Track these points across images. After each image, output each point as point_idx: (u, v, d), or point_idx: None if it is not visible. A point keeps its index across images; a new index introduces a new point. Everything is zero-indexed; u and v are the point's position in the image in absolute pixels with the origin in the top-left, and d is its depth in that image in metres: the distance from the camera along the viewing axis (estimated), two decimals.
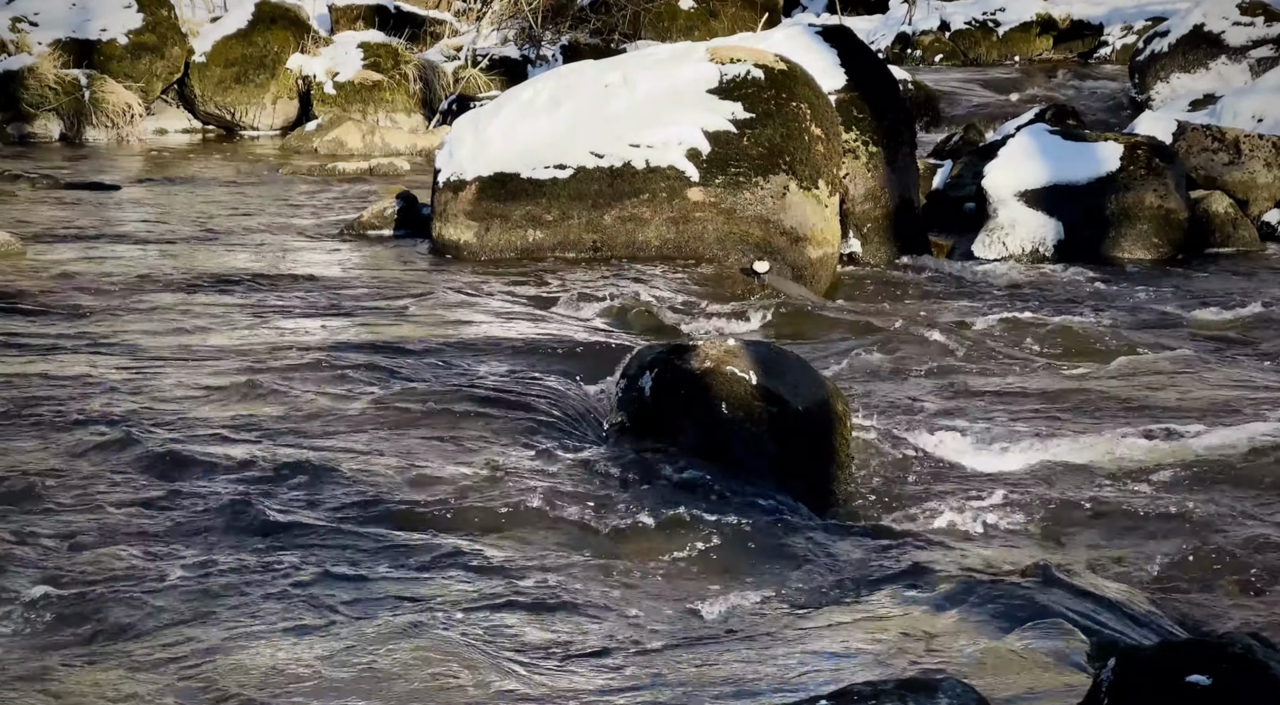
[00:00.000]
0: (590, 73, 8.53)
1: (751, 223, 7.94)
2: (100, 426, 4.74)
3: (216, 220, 9.49)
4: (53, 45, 14.00)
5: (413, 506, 4.19)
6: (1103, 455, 5.08)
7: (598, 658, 3.35)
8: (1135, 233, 8.96)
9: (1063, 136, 9.42)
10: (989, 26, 19.24)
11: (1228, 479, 4.84)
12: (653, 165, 7.99)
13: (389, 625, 3.38)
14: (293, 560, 3.78)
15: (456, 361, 5.75)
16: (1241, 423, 5.36)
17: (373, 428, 4.80)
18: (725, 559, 3.94)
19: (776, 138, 8.00)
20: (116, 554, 3.77)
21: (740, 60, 8.22)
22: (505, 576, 3.73)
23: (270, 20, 14.67)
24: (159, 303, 6.78)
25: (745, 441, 4.53)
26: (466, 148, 8.32)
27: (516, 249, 8.09)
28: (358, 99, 14.34)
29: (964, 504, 4.51)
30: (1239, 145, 9.96)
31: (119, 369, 5.48)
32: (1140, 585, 3.95)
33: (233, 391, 5.17)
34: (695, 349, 4.70)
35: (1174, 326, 7.30)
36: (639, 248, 7.97)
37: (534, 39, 16.87)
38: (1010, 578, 3.71)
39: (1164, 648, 2.70)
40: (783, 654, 3.34)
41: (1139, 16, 18.85)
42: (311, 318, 6.58)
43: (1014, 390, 5.91)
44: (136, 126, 13.78)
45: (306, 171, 12.16)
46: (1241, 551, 4.20)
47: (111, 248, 8.27)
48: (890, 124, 8.86)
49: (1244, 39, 13.99)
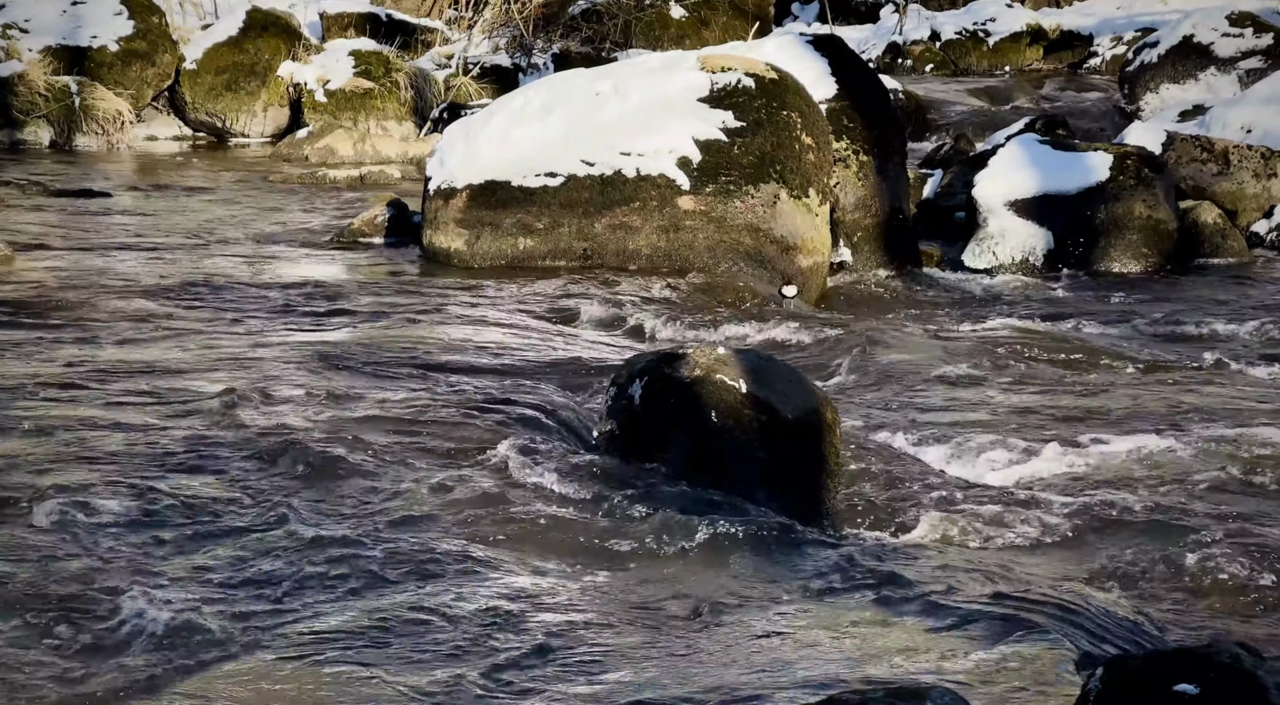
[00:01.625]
0: (581, 81, 8.54)
1: (742, 231, 7.95)
2: (88, 430, 4.73)
3: (206, 227, 9.49)
4: (43, 52, 13.98)
5: (394, 513, 4.18)
6: (1092, 465, 5.09)
7: (580, 663, 3.34)
8: (1125, 242, 8.98)
9: (1053, 146, 9.44)
10: (979, 36, 19.28)
11: (1217, 488, 4.85)
12: (643, 173, 8.00)
13: (378, 625, 3.38)
14: (279, 566, 3.77)
15: (445, 369, 5.75)
16: (1230, 432, 5.37)
17: (356, 434, 4.79)
18: (712, 567, 3.94)
19: (767, 146, 8.01)
20: (101, 570, 3.76)
21: (731, 69, 8.24)
22: (491, 581, 3.73)
23: (261, 28, 14.66)
24: (149, 310, 6.77)
25: (735, 450, 4.53)
26: (457, 155, 8.33)
27: (507, 257, 8.09)
28: (349, 107, 14.33)
29: (952, 513, 4.52)
30: (1228, 156, 9.98)
31: (106, 375, 5.47)
32: (1128, 594, 3.96)
33: (216, 397, 5.16)
34: (685, 357, 4.70)
35: (1162, 336, 7.31)
36: (629, 256, 7.98)
37: (525, 47, 16.88)
38: (998, 587, 3.72)
39: (1151, 657, 2.70)
40: (769, 662, 3.35)
41: (1129, 27, 18.91)
42: (299, 325, 6.57)
43: (1004, 400, 5.92)
44: (127, 133, 13.76)
45: (297, 179, 12.15)
46: (1229, 560, 4.20)
47: (101, 255, 8.26)
48: (881, 133, 8.88)
49: (1233, 50, 14.04)
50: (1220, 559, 4.21)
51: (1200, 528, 4.43)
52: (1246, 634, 3.75)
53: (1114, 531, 4.43)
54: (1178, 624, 3.82)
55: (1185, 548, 4.29)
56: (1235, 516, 4.56)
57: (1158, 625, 3.71)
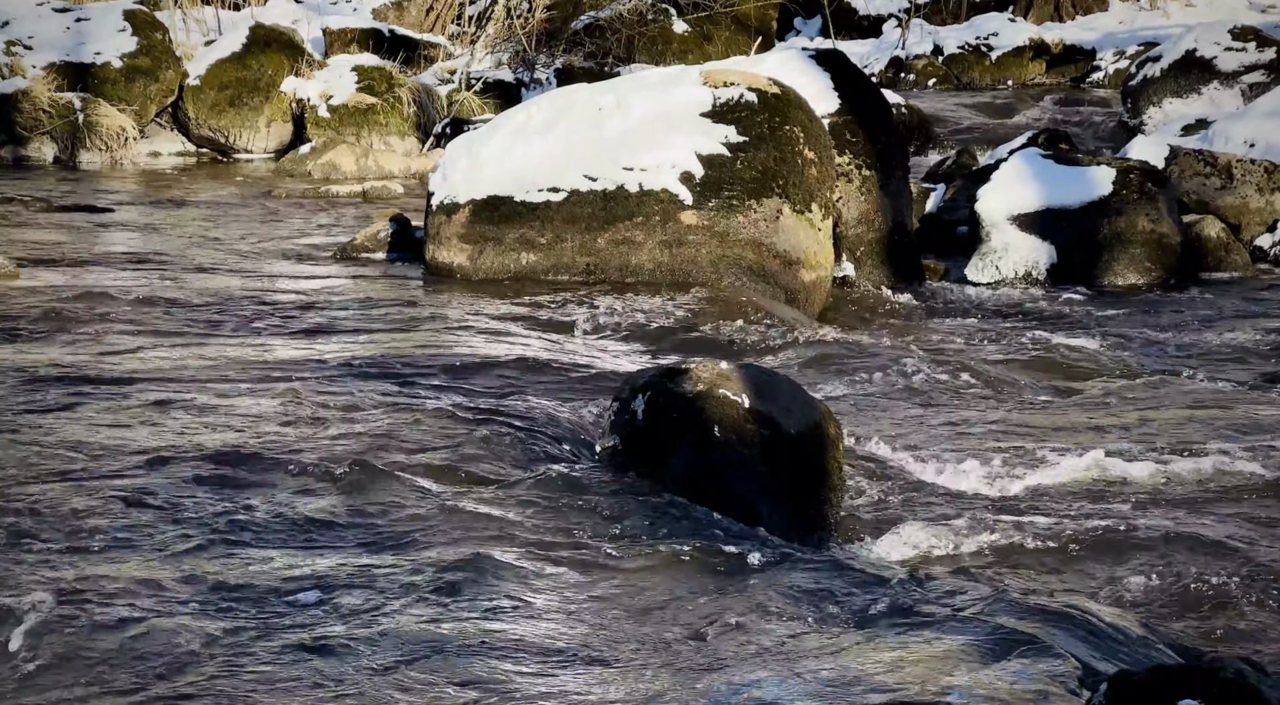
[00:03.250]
0: (584, 96, 8.54)
1: (745, 246, 7.94)
2: (87, 446, 4.73)
3: (209, 243, 9.49)
4: (47, 69, 14.01)
5: (396, 526, 4.17)
6: (1096, 479, 5.08)
7: (579, 681, 3.33)
8: (1128, 257, 8.97)
9: (1055, 161, 9.44)
10: (982, 51, 19.30)
11: (1221, 503, 4.84)
12: (646, 188, 7.99)
13: (378, 628, 3.37)
14: (268, 580, 3.76)
15: (448, 384, 5.74)
16: (1235, 447, 5.36)
17: (355, 448, 4.78)
18: (713, 583, 3.93)
19: (770, 161, 8.01)
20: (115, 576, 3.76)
21: (734, 84, 8.24)
22: (493, 592, 3.72)
23: (264, 44, 14.69)
24: (151, 325, 6.77)
25: (737, 465, 4.52)
26: (460, 171, 8.33)
27: (510, 272, 8.09)
28: (352, 122, 14.35)
29: (955, 529, 4.50)
30: (1231, 170, 9.98)
31: (109, 389, 5.46)
32: (1133, 609, 3.94)
33: (218, 412, 5.16)
34: (688, 372, 4.69)
35: (1166, 351, 7.30)
36: (632, 271, 7.98)
37: (528, 62, 16.91)
38: (1002, 602, 3.70)
39: (1156, 672, 2.69)
40: (767, 679, 3.33)
41: (1131, 41, 18.93)
42: (302, 340, 6.57)
43: (1007, 415, 5.91)
44: (130, 150, 13.78)
45: (300, 194, 12.16)
46: (1233, 576, 4.19)
47: (105, 270, 8.26)
48: (884, 148, 8.88)
49: (1236, 64, 14.05)
50: (1225, 575, 4.20)
51: (1205, 543, 4.42)
52: (1251, 650, 3.73)
53: (1118, 546, 4.42)
54: (1183, 639, 3.80)
55: (1191, 563, 4.27)
56: (1240, 532, 4.55)
57: (1163, 641, 3.69)
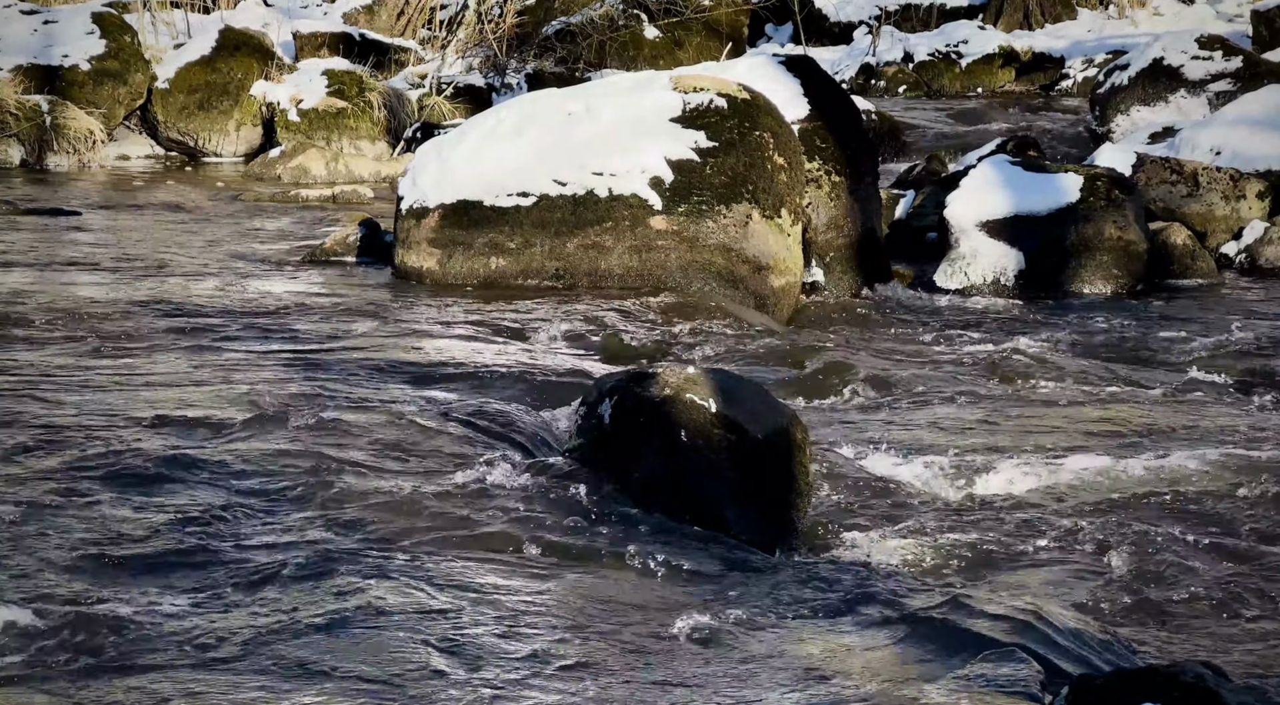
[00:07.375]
0: (554, 101, 8.54)
1: (714, 251, 7.95)
2: (45, 450, 4.70)
3: (177, 247, 9.45)
4: (14, 71, 13.94)
5: (359, 527, 4.16)
6: (1060, 484, 5.10)
7: (537, 685, 3.33)
8: (1095, 263, 9.01)
9: (1024, 167, 9.48)
10: (952, 58, 19.38)
11: (1184, 507, 4.86)
12: (616, 193, 8.00)
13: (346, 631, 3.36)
14: (234, 577, 3.75)
15: (415, 388, 5.73)
16: (1199, 452, 5.38)
17: (319, 450, 4.77)
18: (675, 587, 3.93)
19: (739, 166, 8.03)
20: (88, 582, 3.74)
21: (704, 89, 8.25)
22: (453, 594, 3.71)
23: (234, 47, 14.64)
24: (116, 329, 6.74)
25: (704, 469, 4.52)
26: (430, 175, 8.32)
27: (479, 277, 8.08)
28: (322, 126, 14.33)
29: (920, 533, 4.52)
30: (1197, 177, 10.04)
31: (70, 393, 5.43)
32: (1096, 613, 3.96)
33: (179, 417, 5.13)
34: (655, 376, 4.69)
35: (1132, 357, 7.34)
36: (601, 276, 7.98)
37: (499, 67, 16.90)
38: (966, 606, 3.71)
39: (1117, 676, 2.71)
40: (727, 683, 3.33)
41: (1099, 50, 19.02)
42: (267, 344, 6.55)
43: (974, 420, 5.93)
44: (98, 153, 13.73)
45: (269, 198, 12.13)
46: (1197, 580, 4.21)
47: (71, 275, 8.22)
48: (853, 154, 8.90)
49: (1203, 73, 14.13)
50: (1189, 579, 4.22)
51: (1169, 547, 4.44)
52: (1213, 654, 3.75)
53: (1082, 550, 4.44)
54: (1145, 643, 3.82)
55: (1155, 567, 4.29)
56: (1204, 536, 4.57)
57: (1125, 644, 3.71)
